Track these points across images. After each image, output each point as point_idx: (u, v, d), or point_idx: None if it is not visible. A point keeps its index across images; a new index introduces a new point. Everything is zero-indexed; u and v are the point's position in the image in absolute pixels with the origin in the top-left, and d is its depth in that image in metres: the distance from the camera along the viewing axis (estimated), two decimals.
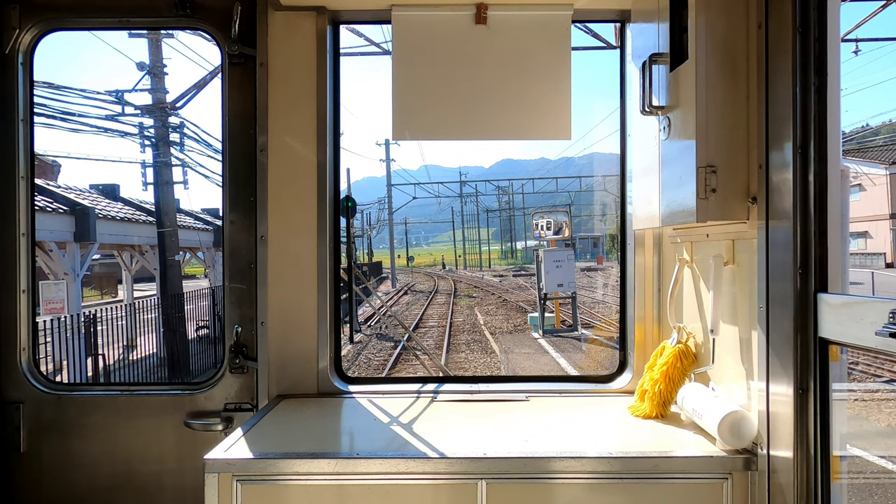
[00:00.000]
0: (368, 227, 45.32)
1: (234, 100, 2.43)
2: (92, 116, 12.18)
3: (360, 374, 11.18)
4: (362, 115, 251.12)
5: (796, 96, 1.65)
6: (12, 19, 2.40)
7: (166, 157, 13.46)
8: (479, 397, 2.42)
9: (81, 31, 2.78)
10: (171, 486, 2.44)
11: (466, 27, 2.42)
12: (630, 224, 2.48)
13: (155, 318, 13.10)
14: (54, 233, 10.92)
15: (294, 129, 2.42)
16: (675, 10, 1.94)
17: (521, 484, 1.73)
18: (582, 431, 2.05)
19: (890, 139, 34.33)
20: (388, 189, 41.44)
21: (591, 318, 17.46)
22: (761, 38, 1.78)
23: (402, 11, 2.41)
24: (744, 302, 1.87)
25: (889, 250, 32.76)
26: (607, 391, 2.50)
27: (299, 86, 2.42)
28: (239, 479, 1.73)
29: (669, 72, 1.97)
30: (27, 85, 2.47)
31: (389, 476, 1.73)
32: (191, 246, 16.51)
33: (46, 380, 2.49)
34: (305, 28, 2.41)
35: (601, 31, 7.27)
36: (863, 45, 23.38)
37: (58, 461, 2.44)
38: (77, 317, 10.08)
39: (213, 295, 14.30)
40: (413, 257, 72.15)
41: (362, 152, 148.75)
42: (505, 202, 65.52)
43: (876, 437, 7.22)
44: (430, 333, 16.39)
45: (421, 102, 2.46)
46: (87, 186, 14.96)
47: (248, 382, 2.44)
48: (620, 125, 2.56)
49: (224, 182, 2.46)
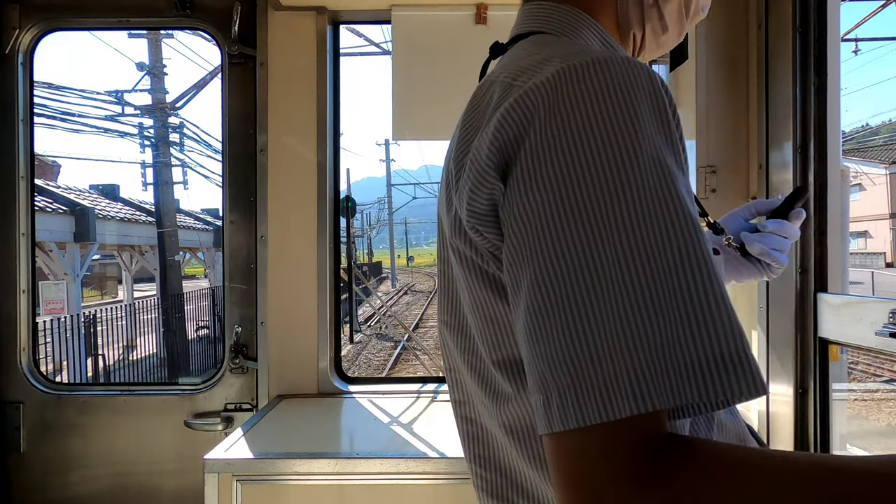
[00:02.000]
0: (368, 227, 45.32)
1: (234, 100, 2.43)
2: (92, 116, 12.21)
3: (361, 374, 11.18)
4: (362, 115, 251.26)
5: (796, 96, 1.65)
6: (12, 19, 2.40)
7: (166, 158, 13.45)
8: None
9: (81, 31, 2.77)
10: (171, 486, 2.44)
11: (466, 27, 2.42)
12: None
13: (155, 318, 13.09)
14: (54, 233, 10.91)
15: (294, 129, 2.42)
16: None
17: None
18: None
19: (890, 139, 34.32)
20: (388, 189, 41.44)
21: None
22: (761, 38, 1.78)
23: (402, 11, 2.41)
24: (743, 302, 1.87)
25: (889, 250, 32.77)
26: None
27: (299, 86, 2.42)
28: (239, 478, 1.73)
29: (669, 72, 1.97)
30: (27, 85, 2.47)
31: (390, 476, 1.73)
32: (191, 246, 16.51)
33: (46, 380, 2.49)
34: (305, 28, 2.41)
35: None
36: (862, 45, 23.38)
37: (58, 461, 2.44)
38: (77, 317, 10.08)
39: (213, 295, 14.29)
40: (413, 257, 72.15)
41: (362, 152, 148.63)
42: None
43: (876, 436, 7.23)
44: (430, 333, 16.39)
45: (421, 102, 2.46)
46: (87, 187, 14.96)
47: (248, 382, 2.44)
48: None
49: (224, 182, 2.46)
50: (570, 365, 0.49)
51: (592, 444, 0.48)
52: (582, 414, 0.48)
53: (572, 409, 0.48)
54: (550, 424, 0.50)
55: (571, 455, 0.48)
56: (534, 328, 0.52)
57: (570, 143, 0.53)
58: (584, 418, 0.47)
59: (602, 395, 0.47)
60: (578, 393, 0.48)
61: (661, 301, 0.48)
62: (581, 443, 0.48)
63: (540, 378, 0.52)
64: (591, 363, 0.48)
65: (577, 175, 0.52)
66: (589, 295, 0.49)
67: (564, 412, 0.49)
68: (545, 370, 0.51)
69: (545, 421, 0.50)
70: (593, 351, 0.48)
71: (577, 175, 0.52)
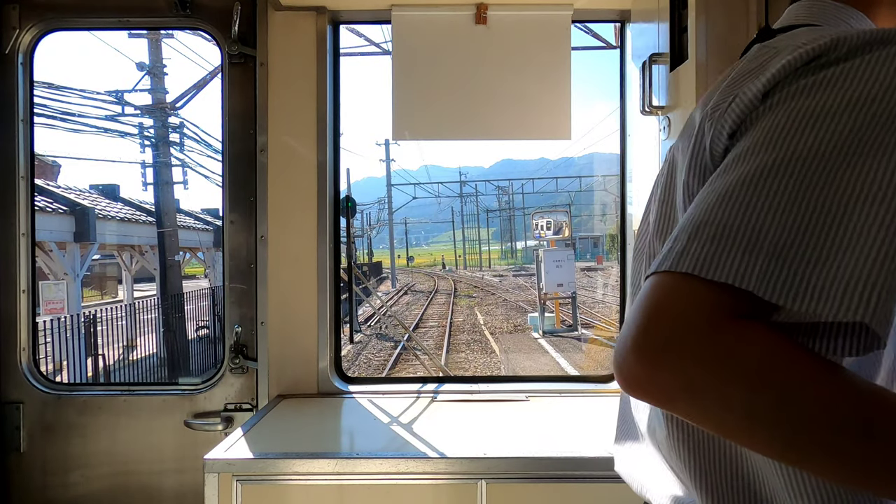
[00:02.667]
0: (368, 227, 45.32)
1: (234, 100, 2.43)
2: (92, 116, 12.18)
3: (361, 374, 11.18)
4: (362, 115, 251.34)
5: None
6: (12, 19, 2.40)
7: (166, 158, 13.45)
8: (478, 397, 2.42)
9: (81, 31, 2.77)
10: (171, 486, 2.44)
11: (466, 27, 2.42)
12: (630, 224, 2.48)
13: (155, 318, 13.09)
14: (54, 233, 10.91)
15: (294, 129, 2.42)
16: (675, 10, 1.94)
17: (521, 484, 1.73)
18: (582, 431, 2.05)
19: None
20: (388, 189, 41.45)
21: (591, 318, 17.46)
22: None
23: (402, 11, 2.41)
24: None
25: None
26: (607, 391, 2.50)
27: (299, 86, 2.42)
28: (239, 478, 1.73)
29: (669, 72, 1.97)
30: (27, 85, 2.47)
31: (389, 476, 1.73)
32: (191, 246, 16.51)
33: (46, 380, 2.49)
34: (305, 28, 2.41)
35: (601, 31, 7.27)
36: None
37: (58, 461, 2.44)
38: (77, 317, 10.08)
39: (213, 295, 14.29)
40: (413, 257, 72.14)
41: (362, 152, 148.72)
42: (505, 202, 65.50)
43: None
44: (430, 333, 16.40)
45: (421, 102, 2.46)
46: (87, 187, 14.95)
47: (249, 382, 2.44)
48: (620, 125, 2.56)
49: (224, 182, 2.46)
50: (721, 230, 0.58)
51: (695, 292, 0.57)
52: (707, 266, 0.57)
53: (701, 261, 0.58)
54: (676, 263, 0.59)
55: (672, 293, 0.59)
56: (719, 195, 0.61)
57: (848, 90, 0.60)
58: (707, 270, 0.57)
59: (724, 261, 0.57)
60: (715, 252, 0.57)
61: (820, 230, 0.55)
62: (686, 288, 0.58)
63: (690, 226, 0.61)
64: (739, 240, 0.57)
65: (833, 115, 0.59)
66: (776, 199, 0.58)
67: (692, 260, 0.58)
68: (700, 222, 0.60)
69: (669, 261, 0.60)
70: (750, 234, 0.57)
71: (833, 115, 0.59)
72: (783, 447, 0.55)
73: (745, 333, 0.56)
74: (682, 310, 0.58)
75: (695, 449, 0.78)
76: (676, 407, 0.59)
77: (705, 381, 0.56)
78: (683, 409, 0.59)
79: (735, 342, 0.55)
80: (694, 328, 0.56)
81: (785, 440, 0.54)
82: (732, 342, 0.55)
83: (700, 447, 0.77)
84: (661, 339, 0.57)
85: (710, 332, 0.56)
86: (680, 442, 0.79)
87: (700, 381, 0.56)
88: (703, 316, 0.57)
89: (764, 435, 0.55)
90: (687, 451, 0.78)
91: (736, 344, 0.55)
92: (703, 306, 0.57)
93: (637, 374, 0.59)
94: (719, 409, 0.56)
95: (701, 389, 0.56)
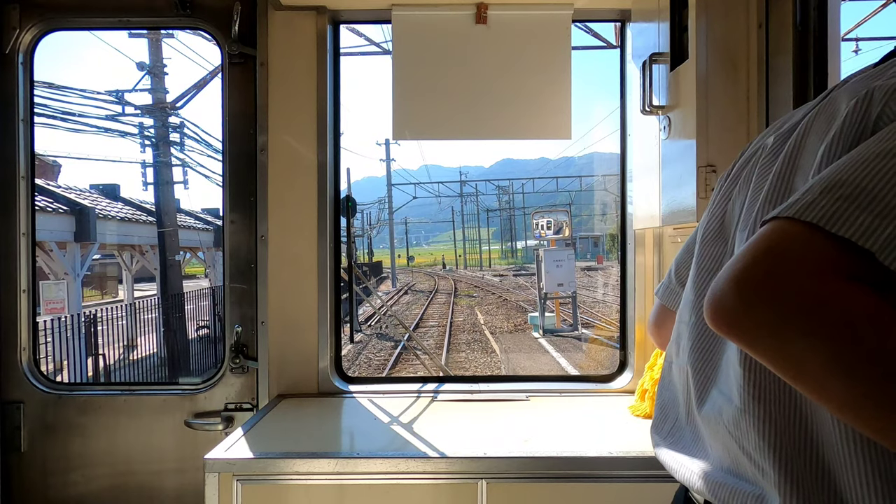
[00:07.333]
0: (369, 226, 45.32)
1: (234, 100, 2.43)
2: (92, 116, 12.17)
3: (361, 374, 11.18)
4: (362, 115, 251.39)
5: (796, 96, 1.65)
6: (12, 19, 2.41)
7: (166, 157, 13.45)
8: (479, 397, 2.42)
9: (81, 31, 2.78)
10: (172, 486, 2.45)
11: (466, 27, 2.42)
12: (630, 224, 2.48)
13: (155, 317, 13.09)
14: (54, 233, 10.91)
15: (294, 129, 2.42)
16: (675, 10, 1.94)
17: (521, 484, 1.73)
18: (582, 431, 2.05)
19: None
20: (389, 189, 41.44)
21: (592, 318, 17.46)
22: (761, 37, 1.78)
23: (402, 11, 2.41)
24: None
25: None
26: (607, 391, 2.50)
27: (299, 86, 2.42)
28: (239, 478, 1.73)
29: (669, 71, 1.97)
30: (27, 85, 2.47)
31: (390, 476, 1.73)
32: (191, 246, 16.50)
33: (47, 380, 2.49)
34: (305, 28, 2.41)
35: (601, 31, 7.26)
36: (863, 45, 23.39)
37: (58, 461, 2.44)
38: (77, 317, 10.07)
39: (214, 295, 14.30)
40: (413, 257, 72.16)
41: (362, 152, 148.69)
42: (505, 202, 65.48)
43: None
44: (430, 333, 16.40)
45: (421, 102, 2.46)
46: (87, 186, 14.95)
47: (249, 382, 2.44)
48: (620, 125, 2.56)
49: (224, 182, 2.46)
50: (859, 191, 0.60)
51: (813, 241, 0.60)
52: (835, 220, 0.59)
53: (829, 215, 0.60)
54: (802, 212, 0.61)
55: (788, 238, 0.61)
56: (864, 159, 0.63)
57: None
58: (834, 224, 0.59)
59: (853, 219, 0.59)
60: (846, 210, 0.60)
61: None
62: (805, 236, 0.61)
63: (825, 182, 0.63)
64: (873, 203, 0.59)
65: None
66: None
67: (819, 211, 0.60)
68: (837, 181, 0.62)
69: (794, 209, 0.62)
70: (886, 201, 0.59)
71: None
72: (861, 398, 0.57)
73: (849, 290, 0.57)
74: (794, 254, 0.60)
75: (771, 422, 0.77)
76: (759, 346, 0.61)
77: (798, 324, 0.58)
78: (764, 350, 0.61)
79: (837, 294, 0.57)
80: (800, 272, 0.58)
81: (864, 393, 0.56)
82: (835, 293, 0.57)
83: (776, 418, 0.76)
84: (763, 275, 0.60)
85: (815, 280, 0.58)
86: (756, 417, 0.77)
87: (792, 324, 0.58)
88: (814, 264, 0.59)
89: (841, 385, 0.57)
90: (763, 424, 0.77)
91: (838, 296, 0.57)
92: (816, 256, 0.59)
93: (731, 306, 0.61)
94: (803, 353, 0.58)
95: (790, 332, 0.58)
